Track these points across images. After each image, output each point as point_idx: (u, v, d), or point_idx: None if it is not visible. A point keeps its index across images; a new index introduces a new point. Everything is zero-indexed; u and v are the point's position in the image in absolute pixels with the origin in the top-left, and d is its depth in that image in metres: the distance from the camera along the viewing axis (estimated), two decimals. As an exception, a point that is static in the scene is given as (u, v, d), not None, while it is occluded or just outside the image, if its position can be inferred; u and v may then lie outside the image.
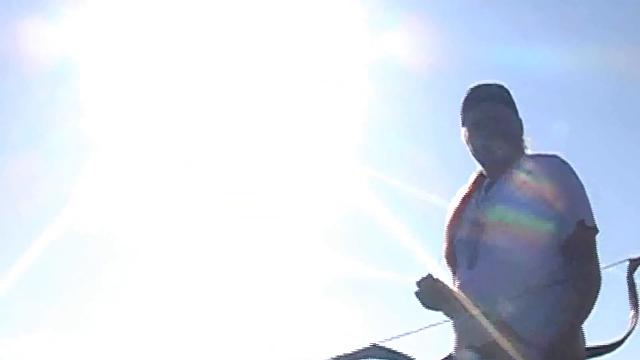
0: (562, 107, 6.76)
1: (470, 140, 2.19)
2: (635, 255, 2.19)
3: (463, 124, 2.24)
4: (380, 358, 1.96)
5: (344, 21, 5.07)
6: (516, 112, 2.24)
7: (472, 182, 2.24)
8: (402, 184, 4.46)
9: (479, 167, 2.21)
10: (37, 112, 5.66)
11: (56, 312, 5.77)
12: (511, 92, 2.27)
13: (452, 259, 2.18)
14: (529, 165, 2.11)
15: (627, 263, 2.20)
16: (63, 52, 5.50)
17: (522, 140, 2.21)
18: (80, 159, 5.62)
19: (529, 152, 2.21)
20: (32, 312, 5.78)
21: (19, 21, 5.51)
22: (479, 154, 2.17)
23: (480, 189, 2.18)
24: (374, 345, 1.97)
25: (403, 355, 1.97)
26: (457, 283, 2.11)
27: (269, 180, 5.03)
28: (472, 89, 2.27)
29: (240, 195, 5.19)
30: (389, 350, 1.96)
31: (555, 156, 2.11)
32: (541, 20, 6.34)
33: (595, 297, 1.94)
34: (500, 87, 2.27)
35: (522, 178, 2.08)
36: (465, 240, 2.11)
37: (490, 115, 2.18)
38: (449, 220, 2.22)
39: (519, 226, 2.02)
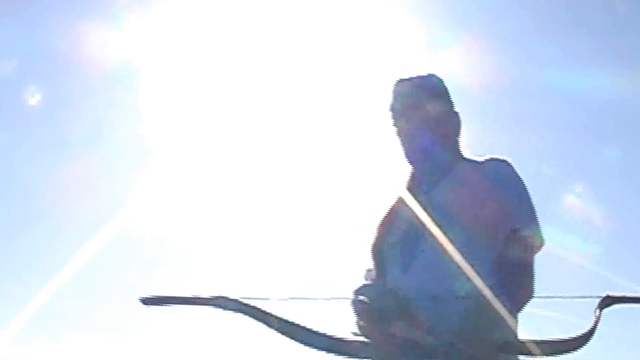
0: (614, 132, 6.77)
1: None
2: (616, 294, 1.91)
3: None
4: (231, 309, 1.77)
5: (403, 40, 5.11)
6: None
7: (410, 179, 2.09)
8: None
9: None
10: (97, 115, 5.76)
11: (107, 313, 5.84)
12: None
13: (378, 261, 2.04)
14: (467, 169, 2.00)
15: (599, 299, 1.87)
16: (124, 56, 5.60)
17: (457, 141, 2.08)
18: (137, 162, 5.72)
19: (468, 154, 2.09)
20: (83, 312, 5.87)
21: (82, 24, 5.61)
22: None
23: (420, 190, 2.02)
24: (222, 297, 1.77)
25: (258, 309, 1.77)
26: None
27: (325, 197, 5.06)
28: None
29: (302, 205, 5.22)
30: (241, 303, 1.77)
31: (495, 159, 1.98)
32: (595, 46, 6.37)
33: (516, 310, 1.82)
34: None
35: (460, 183, 1.97)
36: (399, 245, 1.97)
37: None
38: (382, 219, 2.07)
39: (453, 235, 1.87)
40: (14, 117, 6.33)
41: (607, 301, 1.80)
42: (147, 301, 1.76)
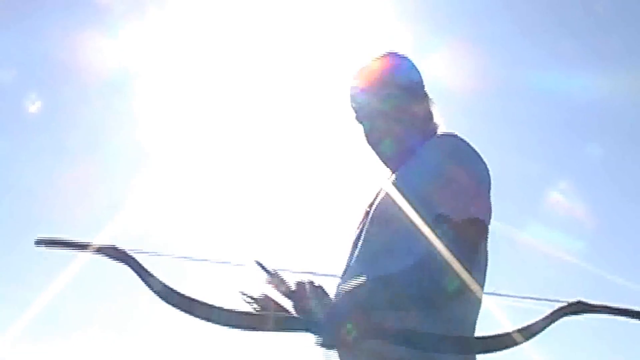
0: (597, 131, 6.95)
1: None
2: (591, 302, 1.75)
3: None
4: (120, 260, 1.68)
5: (389, 45, 5.25)
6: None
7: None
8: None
9: None
10: (95, 121, 5.89)
11: (108, 313, 5.97)
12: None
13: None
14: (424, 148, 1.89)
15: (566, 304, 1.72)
16: (121, 64, 5.74)
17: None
18: (134, 167, 5.85)
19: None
20: (85, 312, 5.99)
21: (79, 33, 5.74)
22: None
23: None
24: (111, 247, 1.69)
25: (142, 267, 1.71)
26: None
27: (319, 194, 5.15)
28: None
29: (300, 207, 5.32)
30: (128, 255, 1.72)
31: (442, 136, 1.91)
32: (578, 47, 6.53)
33: (427, 303, 1.70)
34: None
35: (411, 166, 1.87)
36: (355, 235, 1.94)
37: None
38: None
39: (386, 223, 1.82)
40: (15, 123, 6.47)
41: (578, 308, 1.69)
42: (40, 242, 1.71)
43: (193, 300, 1.64)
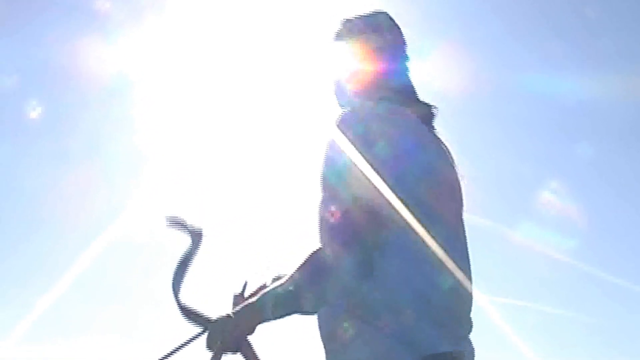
0: (587, 131, 7.06)
1: None
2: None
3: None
4: None
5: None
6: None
7: None
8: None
9: None
10: (94, 126, 5.97)
11: (109, 315, 6.04)
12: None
13: None
14: None
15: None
16: (119, 70, 5.80)
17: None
18: (133, 171, 5.92)
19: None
20: (86, 314, 6.06)
21: (80, 40, 5.81)
22: None
23: None
24: None
25: None
26: None
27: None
28: None
29: (297, 209, 5.38)
30: None
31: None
32: (567, 50, 6.64)
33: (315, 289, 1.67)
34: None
35: None
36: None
37: None
38: None
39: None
40: (17, 129, 6.53)
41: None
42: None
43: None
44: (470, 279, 1.80)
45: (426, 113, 1.91)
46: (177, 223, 1.84)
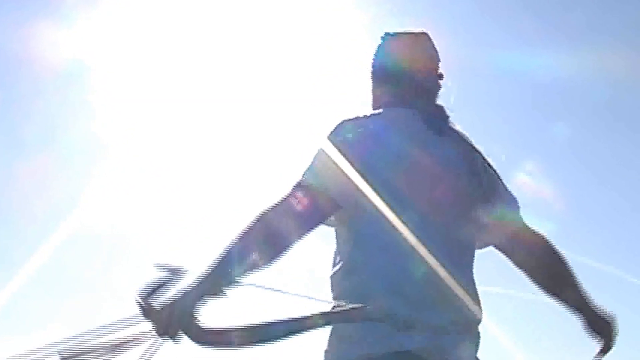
0: (562, 110, 6.93)
1: None
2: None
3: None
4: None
5: (347, 30, 5.18)
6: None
7: None
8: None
9: None
10: (49, 114, 5.79)
11: (68, 310, 5.90)
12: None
13: None
14: None
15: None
16: (75, 55, 5.63)
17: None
18: (91, 160, 5.76)
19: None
20: (44, 309, 5.92)
21: (31, 24, 5.63)
22: None
23: None
24: None
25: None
26: None
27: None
28: None
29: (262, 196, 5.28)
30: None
31: None
32: (540, 26, 6.50)
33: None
34: None
35: None
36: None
37: None
38: None
39: None
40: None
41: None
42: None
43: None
44: (452, 266, 1.78)
45: (432, 111, 2.00)
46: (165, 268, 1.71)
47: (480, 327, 1.82)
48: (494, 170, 2.02)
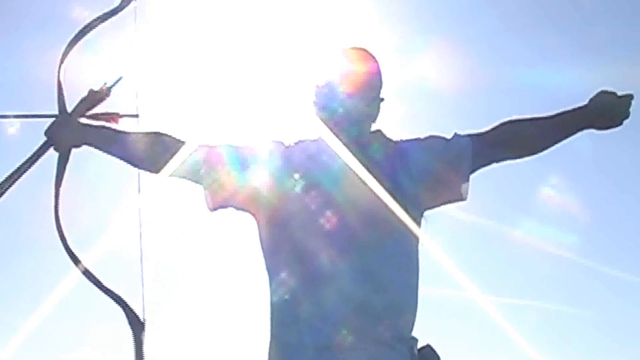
0: (586, 125, 6.91)
1: None
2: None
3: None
4: None
5: (374, 46, 5.21)
6: None
7: None
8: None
9: None
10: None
11: (101, 332, 5.87)
12: None
13: None
14: None
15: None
16: (101, 81, 5.63)
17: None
18: (120, 184, 5.75)
19: None
20: (76, 333, 5.89)
21: (57, 50, 5.64)
22: None
23: None
24: None
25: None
26: None
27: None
28: None
29: None
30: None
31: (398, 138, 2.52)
32: (564, 42, 6.54)
33: None
34: None
35: None
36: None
37: None
38: None
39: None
40: (-4, 145, 6.37)
41: None
42: None
43: None
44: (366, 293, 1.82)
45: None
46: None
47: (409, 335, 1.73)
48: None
